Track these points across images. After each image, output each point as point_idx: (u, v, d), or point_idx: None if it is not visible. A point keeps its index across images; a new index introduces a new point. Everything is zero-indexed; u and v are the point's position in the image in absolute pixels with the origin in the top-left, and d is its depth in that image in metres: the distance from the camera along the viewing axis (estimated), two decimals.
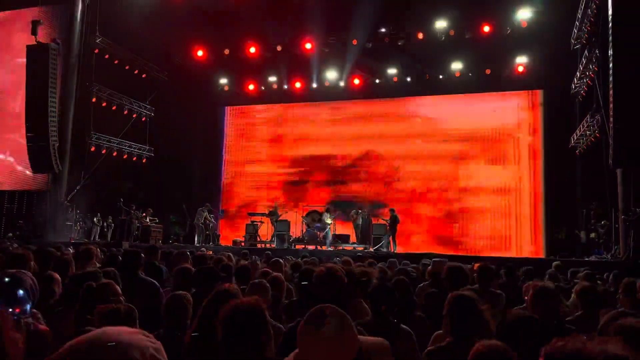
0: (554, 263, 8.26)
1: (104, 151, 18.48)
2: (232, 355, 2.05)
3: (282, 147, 21.26)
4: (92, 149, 18.08)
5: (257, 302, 2.20)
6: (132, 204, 17.67)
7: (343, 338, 1.71)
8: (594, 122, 14.02)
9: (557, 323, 3.34)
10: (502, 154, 18.50)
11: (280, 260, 6.18)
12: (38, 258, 5.34)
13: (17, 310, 2.89)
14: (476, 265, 4.93)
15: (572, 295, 4.52)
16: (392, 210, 16.17)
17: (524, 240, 17.82)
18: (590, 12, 14.01)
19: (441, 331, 3.00)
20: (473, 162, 18.74)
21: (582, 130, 15.18)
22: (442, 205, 18.84)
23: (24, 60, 16.63)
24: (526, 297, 4.27)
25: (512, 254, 16.89)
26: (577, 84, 15.95)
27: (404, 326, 3.14)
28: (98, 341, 1.13)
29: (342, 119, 20.62)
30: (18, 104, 17.84)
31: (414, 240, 18.41)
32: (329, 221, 16.57)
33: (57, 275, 4.18)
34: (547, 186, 17.71)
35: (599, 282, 6.66)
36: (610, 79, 11.81)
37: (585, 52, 14.54)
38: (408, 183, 19.32)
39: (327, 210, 16.87)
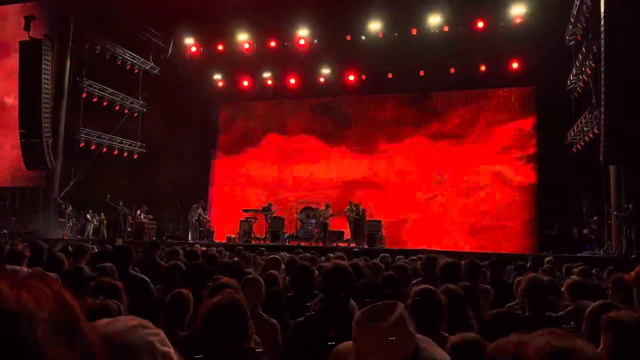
0: (546, 259, 8.30)
1: (93, 147, 18.36)
2: (212, 348, 2.10)
3: (276, 143, 21.20)
4: (81, 145, 17.96)
5: (235, 297, 2.28)
6: (120, 200, 17.58)
7: (402, 335, 1.70)
8: (592, 118, 14.01)
9: (546, 317, 3.35)
10: (497, 151, 18.53)
11: (279, 257, 6.17)
12: (31, 254, 5.34)
13: None
14: (464, 261, 4.93)
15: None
16: (356, 206, 16.25)
17: (517, 236, 17.87)
18: (584, 8, 14.00)
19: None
20: (467, 158, 18.76)
21: (579, 127, 15.17)
22: (434, 200, 18.86)
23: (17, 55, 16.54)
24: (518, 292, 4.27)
25: (504, 249, 16.92)
26: (572, 80, 15.94)
27: None
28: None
29: (336, 114, 20.59)
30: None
31: (408, 236, 18.44)
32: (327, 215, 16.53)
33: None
34: (541, 182, 17.76)
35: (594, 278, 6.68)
36: (603, 75, 11.83)
37: (583, 48, 14.53)
38: (400, 179, 19.33)
39: (327, 206, 16.75)
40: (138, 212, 17.86)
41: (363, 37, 18.34)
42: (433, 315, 2.60)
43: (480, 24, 17.15)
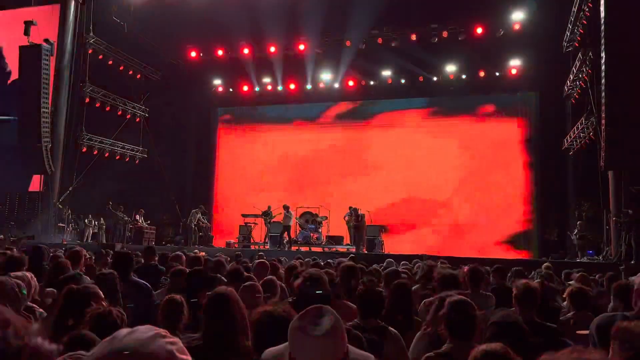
0: (544, 264, 8.30)
1: (95, 152, 18.38)
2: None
3: (276, 148, 21.21)
4: (84, 149, 17.97)
5: (289, 311, 2.38)
6: (120, 205, 17.54)
7: (334, 340, 1.72)
8: (588, 124, 14.07)
9: (539, 322, 3.36)
10: (495, 156, 18.55)
11: (267, 262, 6.07)
12: (30, 258, 5.33)
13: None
14: (466, 267, 4.93)
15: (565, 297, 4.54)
16: (355, 211, 16.29)
17: (516, 241, 17.87)
18: (582, 15, 14.10)
19: (420, 332, 3.14)
20: (465, 163, 18.77)
21: (576, 132, 15.24)
22: (433, 205, 18.85)
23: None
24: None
25: (503, 255, 16.90)
26: (570, 86, 16.02)
27: (392, 329, 3.16)
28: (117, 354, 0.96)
29: (336, 120, 20.62)
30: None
31: (407, 242, 18.43)
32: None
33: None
34: (540, 187, 17.78)
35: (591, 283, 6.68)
36: (603, 81, 11.89)
37: (579, 54, 14.62)
38: (400, 185, 19.33)
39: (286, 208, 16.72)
40: (137, 216, 17.82)
41: (363, 44, 18.38)
42: (467, 326, 2.69)
43: (480, 30, 17.21)
